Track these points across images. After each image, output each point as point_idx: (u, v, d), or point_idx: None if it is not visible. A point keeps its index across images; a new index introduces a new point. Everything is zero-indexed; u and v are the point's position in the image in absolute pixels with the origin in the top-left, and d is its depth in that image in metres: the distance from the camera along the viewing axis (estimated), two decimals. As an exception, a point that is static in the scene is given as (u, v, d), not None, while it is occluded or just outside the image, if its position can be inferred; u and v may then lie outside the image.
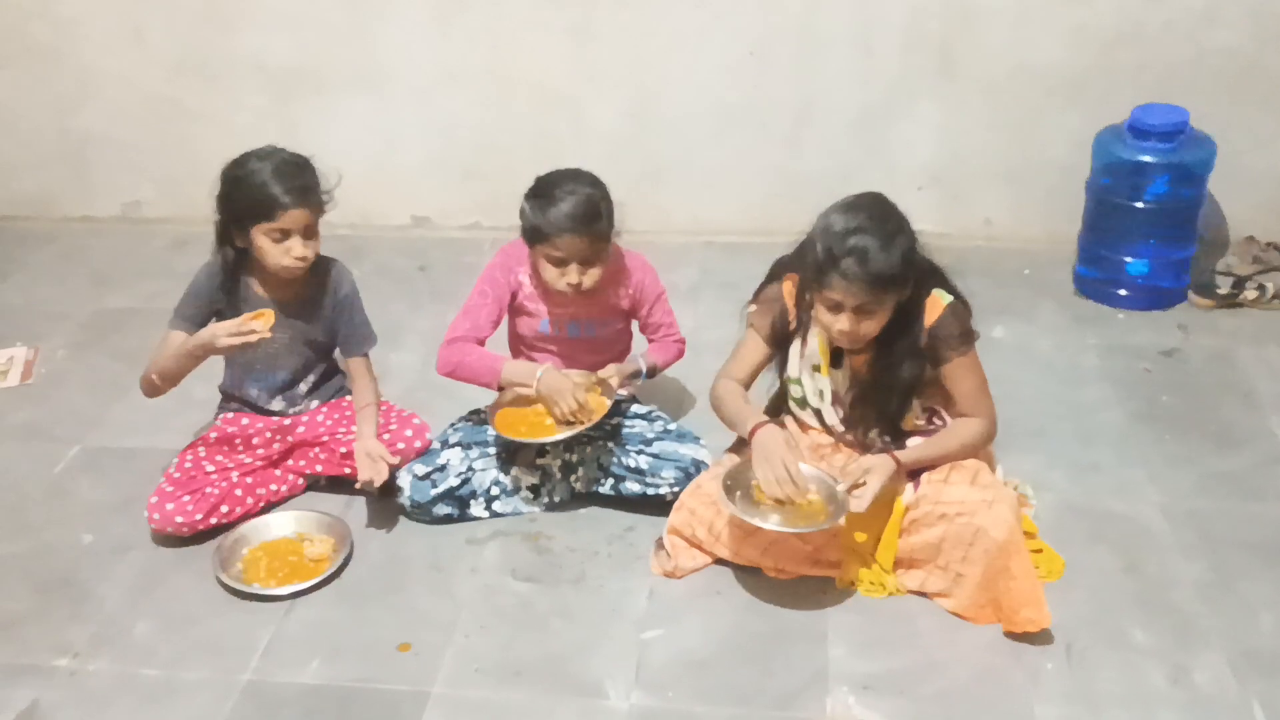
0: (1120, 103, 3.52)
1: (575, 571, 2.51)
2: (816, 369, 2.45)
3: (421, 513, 2.63)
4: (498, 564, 2.54)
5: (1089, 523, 2.60)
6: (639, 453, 2.62)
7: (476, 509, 2.65)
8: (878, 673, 2.22)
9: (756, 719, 2.14)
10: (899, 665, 2.24)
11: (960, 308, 2.37)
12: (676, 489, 2.55)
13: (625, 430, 2.70)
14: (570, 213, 2.51)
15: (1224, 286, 3.47)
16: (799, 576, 2.45)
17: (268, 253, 2.53)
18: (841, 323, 2.27)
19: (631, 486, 2.61)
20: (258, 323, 2.48)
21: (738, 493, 2.35)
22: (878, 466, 2.30)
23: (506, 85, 3.84)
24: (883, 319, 2.29)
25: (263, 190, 2.49)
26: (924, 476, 2.35)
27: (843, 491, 2.31)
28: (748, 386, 2.54)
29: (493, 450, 2.69)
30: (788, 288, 2.45)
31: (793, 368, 2.49)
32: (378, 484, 2.56)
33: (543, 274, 2.61)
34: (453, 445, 2.68)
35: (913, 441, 2.43)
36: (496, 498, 2.66)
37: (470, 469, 2.64)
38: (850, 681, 2.20)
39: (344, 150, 3.96)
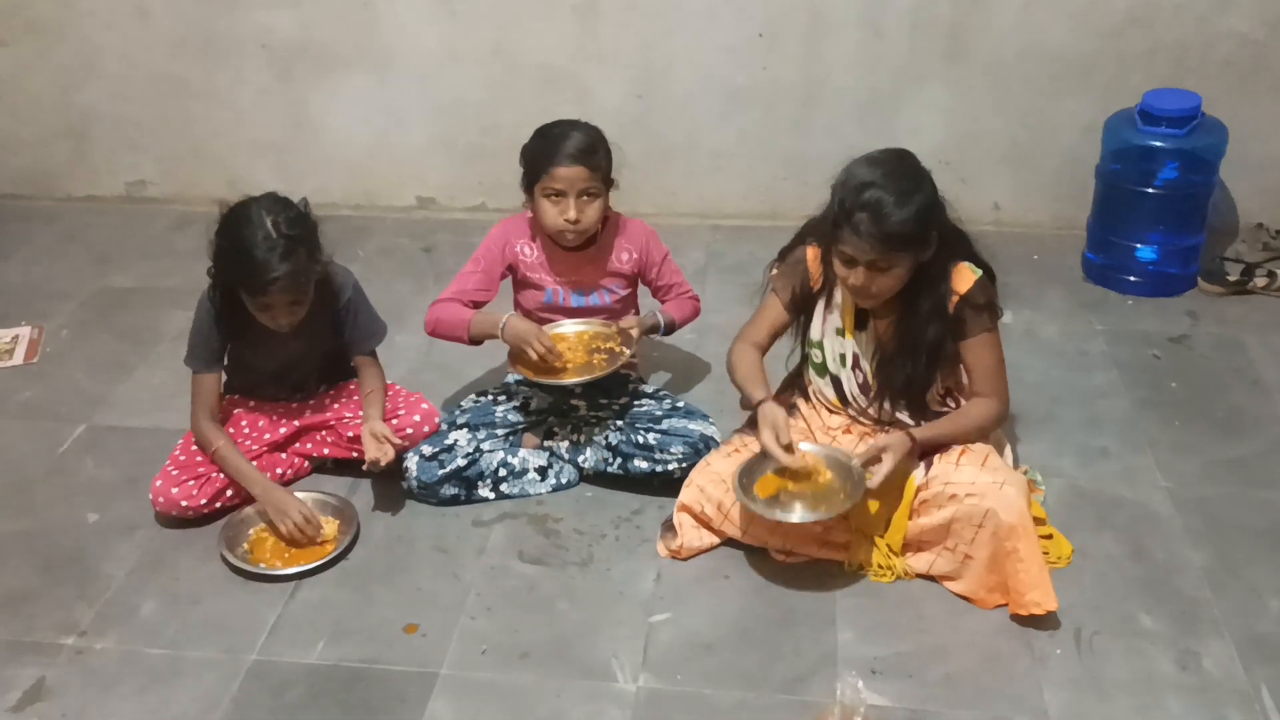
0: (1130, 88, 3.51)
1: (582, 554, 2.51)
2: (839, 332, 2.45)
3: (428, 493, 2.62)
4: (504, 546, 2.54)
5: (1096, 508, 2.59)
6: (647, 430, 2.62)
7: (483, 490, 2.65)
8: (886, 657, 2.22)
9: (764, 702, 2.14)
10: (907, 649, 2.24)
11: (988, 283, 2.37)
12: (685, 465, 2.55)
13: (634, 409, 2.70)
14: (571, 143, 2.56)
15: (1233, 273, 3.46)
16: (807, 560, 2.44)
17: (261, 318, 2.50)
18: (855, 278, 2.27)
19: (640, 464, 2.60)
20: (329, 527, 2.53)
21: (754, 489, 2.35)
22: (894, 444, 2.30)
23: (512, 65, 3.81)
24: (899, 277, 2.27)
25: (250, 266, 2.38)
26: (935, 458, 2.35)
27: (858, 468, 2.30)
28: (765, 350, 2.53)
29: (501, 432, 2.69)
30: (812, 251, 2.45)
31: (815, 331, 2.49)
32: (384, 464, 2.55)
33: (543, 218, 2.62)
34: (460, 426, 2.68)
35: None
36: (504, 479, 2.65)
37: (478, 450, 2.64)
38: (858, 665, 2.20)
39: (348, 130, 3.98)
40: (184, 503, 2.54)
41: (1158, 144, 3.30)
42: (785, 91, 3.75)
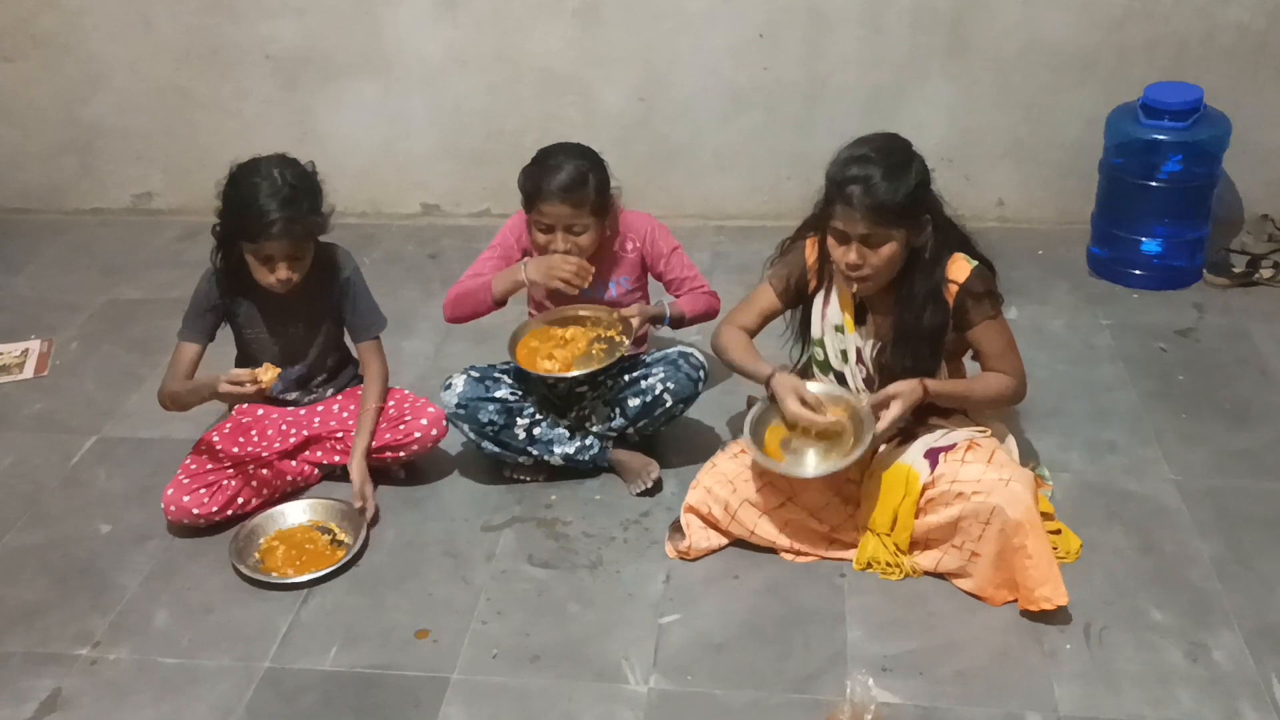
0: (1132, 80, 3.51)
1: (591, 557, 2.52)
2: (839, 329, 2.45)
3: (467, 414, 2.62)
4: (514, 550, 2.55)
5: (1105, 502, 2.59)
6: (632, 370, 2.68)
7: (519, 426, 2.66)
8: (896, 654, 2.23)
9: (775, 701, 2.15)
10: (917, 647, 2.24)
11: (985, 271, 2.38)
12: (671, 385, 2.61)
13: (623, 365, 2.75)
14: (557, 181, 2.56)
15: (1239, 265, 3.46)
16: (816, 559, 2.45)
17: (253, 270, 2.53)
18: (850, 254, 2.28)
19: (633, 402, 2.65)
20: (262, 374, 2.49)
21: (765, 439, 2.38)
22: (904, 390, 2.31)
23: (515, 70, 3.83)
24: (891, 256, 2.28)
25: (251, 211, 2.45)
26: (942, 456, 2.35)
27: (867, 409, 2.31)
28: (753, 336, 2.55)
29: (534, 395, 2.73)
30: (811, 244, 2.47)
31: (815, 329, 2.50)
32: (368, 514, 2.60)
33: (534, 240, 2.66)
34: (502, 371, 2.72)
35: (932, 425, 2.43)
36: (539, 423, 2.68)
37: (523, 393, 2.68)
38: (868, 663, 2.21)
39: (353, 138, 4.00)
40: (195, 510, 2.56)
41: (1161, 137, 3.30)
42: (787, 91, 3.76)
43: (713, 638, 2.29)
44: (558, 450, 2.69)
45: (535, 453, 2.68)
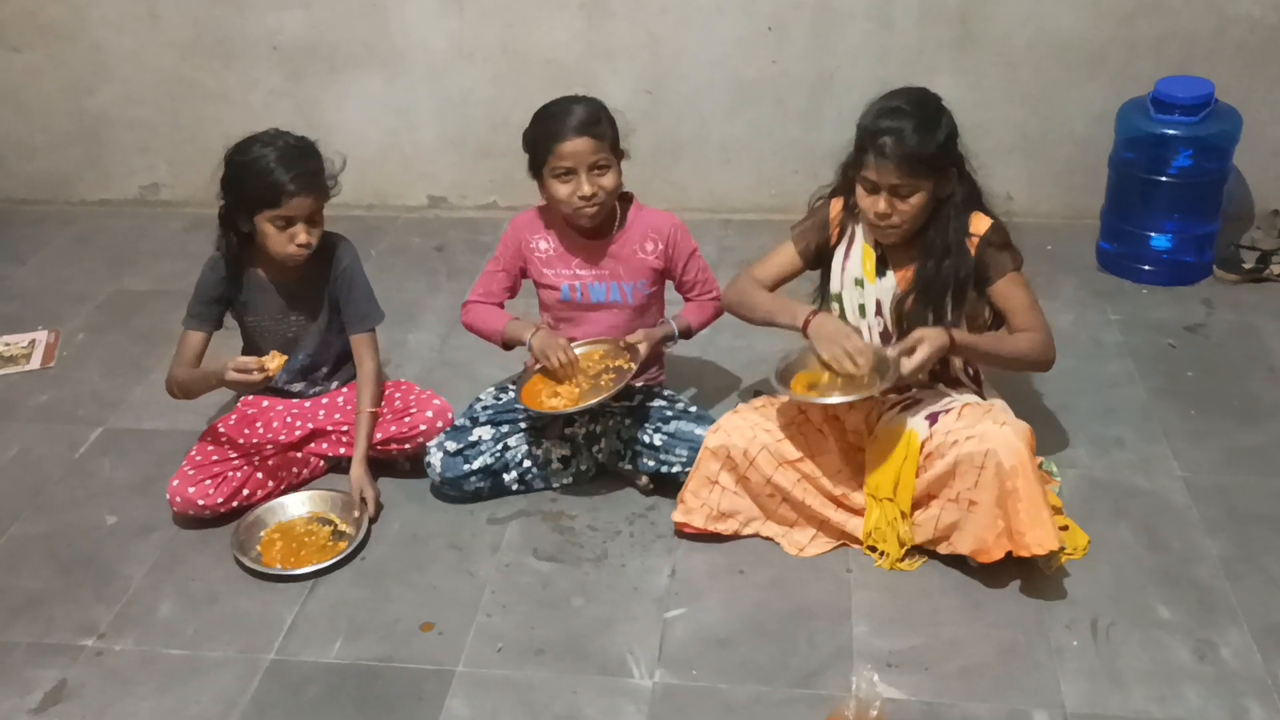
0: (1141, 75, 3.49)
1: (596, 550, 2.51)
2: (859, 283, 2.46)
3: (451, 488, 2.62)
4: (519, 543, 2.54)
5: (1112, 499, 2.58)
6: (655, 430, 2.61)
7: (510, 480, 2.64)
8: (901, 650, 2.22)
9: (779, 697, 2.14)
10: (922, 642, 2.24)
11: (1001, 226, 2.40)
12: (688, 469, 2.53)
13: (647, 405, 2.69)
14: (574, 118, 2.51)
15: (1249, 261, 3.44)
16: (821, 553, 2.45)
17: (271, 240, 2.54)
18: (879, 204, 2.31)
19: (647, 463, 2.61)
20: (270, 361, 2.50)
21: (791, 387, 2.39)
22: (930, 336, 2.30)
23: (521, 62, 3.82)
24: (920, 206, 2.31)
25: (268, 177, 2.49)
26: (940, 415, 2.36)
27: (893, 355, 2.31)
28: (770, 291, 2.56)
29: (524, 426, 2.68)
30: (835, 205, 2.48)
31: (834, 284, 2.51)
32: (367, 517, 2.58)
33: (557, 199, 2.57)
34: (483, 423, 2.67)
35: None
36: (529, 470, 2.66)
37: (504, 446, 2.64)
38: (873, 659, 2.20)
39: (359, 130, 3.99)
40: (201, 502, 2.56)
41: (1171, 132, 3.28)
42: (794, 84, 3.75)
43: (717, 632, 2.29)
44: (555, 484, 2.68)
45: (534, 490, 2.67)
